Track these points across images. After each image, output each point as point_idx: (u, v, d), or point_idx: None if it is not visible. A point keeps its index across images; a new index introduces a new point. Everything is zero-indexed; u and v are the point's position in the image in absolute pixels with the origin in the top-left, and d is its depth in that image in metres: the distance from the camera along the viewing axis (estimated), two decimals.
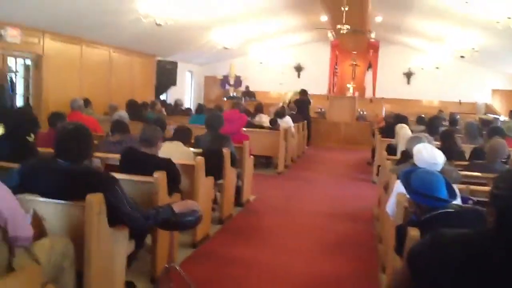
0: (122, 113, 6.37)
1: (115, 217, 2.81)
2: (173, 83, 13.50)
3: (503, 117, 12.51)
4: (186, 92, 16.28)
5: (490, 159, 4.55)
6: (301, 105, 12.37)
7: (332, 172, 9.43)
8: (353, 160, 11.01)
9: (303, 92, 12.92)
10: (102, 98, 10.14)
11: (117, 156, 4.17)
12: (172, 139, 4.93)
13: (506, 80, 15.88)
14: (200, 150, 5.07)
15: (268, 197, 6.88)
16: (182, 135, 4.96)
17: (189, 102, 16.21)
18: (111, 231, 2.81)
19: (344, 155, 11.77)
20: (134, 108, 8.29)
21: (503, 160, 4.70)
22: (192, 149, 5.09)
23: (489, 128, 6.15)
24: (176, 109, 11.74)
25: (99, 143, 5.00)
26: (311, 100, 13.00)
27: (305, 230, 5.45)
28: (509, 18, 8.39)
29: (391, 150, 6.67)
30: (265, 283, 3.89)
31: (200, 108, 9.67)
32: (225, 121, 6.59)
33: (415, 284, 1.67)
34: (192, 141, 5.40)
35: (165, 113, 10.00)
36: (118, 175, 3.20)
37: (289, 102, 13.60)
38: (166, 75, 13.18)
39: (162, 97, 13.48)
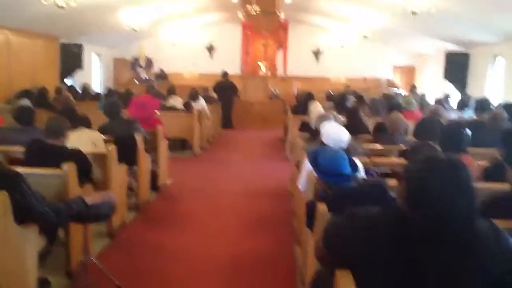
0: (26, 101, 5.99)
1: (23, 215, 2.68)
2: (79, 66, 12.84)
3: (403, 91, 13.42)
4: (95, 75, 15.55)
5: (390, 132, 4.89)
6: (221, 89, 12.33)
7: (248, 152, 9.60)
8: (268, 139, 11.27)
9: (224, 75, 12.82)
10: (1, 85, 9.42)
11: (21, 148, 3.94)
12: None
13: (406, 56, 17.00)
14: (111, 138, 4.92)
15: (185, 180, 6.87)
16: (83, 122, 4.76)
17: (98, 86, 15.51)
18: (19, 229, 2.68)
19: (259, 134, 12.00)
20: (40, 96, 7.82)
21: (402, 132, 5.08)
22: (104, 137, 4.92)
23: (388, 103, 6.57)
24: (84, 94, 11.22)
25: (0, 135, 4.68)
26: (233, 83, 12.86)
27: (224, 211, 5.54)
28: (414, 9, 8.95)
29: (305, 126, 6.90)
30: (186, 266, 3.93)
31: (110, 93, 9.34)
32: (137, 106, 6.46)
33: (332, 259, 1.78)
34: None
35: (72, 99, 9.52)
36: (23, 169, 3.04)
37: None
38: (71, 59, 12.48)
39: (68, 82, 12.78)
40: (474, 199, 1.55)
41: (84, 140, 4.41)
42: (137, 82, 15.26)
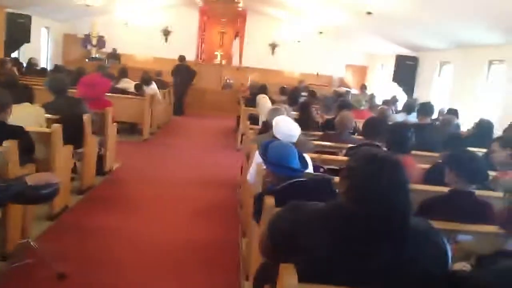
0: None
1: None
2: (27, 39, 12.20)
3: (354, 90, 13.74)
4: (42, 50, 14.85)
5: (339, 130, 5.01)
6: (178, 73, 12.13)
7: (198, 139, 9.55)
8: (219, 128, 11.23)
9: (181, 59, 12.61)
10: None
11: None
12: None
13: (359, 56, 17.40)
14: (56, 117, 4.73)
15: (133, 165, 6.75)
16: (25, 97, 4.52)
17: (45, 61, 14.84)
18: None
19: (211, 122, 11.94)
20: None
21: (350, 131, 5.22)
22: (47, 115, 4.73)
23: (338, 101, 6.72)
24: (30, 69, 10.72)
25: None
26: (191, 68, 12.64)
27: (171, 198, 5.49)
28: (369, 9, 9.16)
29: (253, 119, 6.94)
30: (129, 253, 3.87)
31: (57, 69, 8.98)
32: (85, 85, 6.23)
33: (276, 252, 1.82)
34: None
35: (17, 72, 9.08)
36: None
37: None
38: (18, 30, 11.82)
39: (14, 55, 12.15)
40: (409, 197, 1.64)
41: (25, 116, 4.21)
42: (87, 61, 14.75)
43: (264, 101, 6.83)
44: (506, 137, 4.71)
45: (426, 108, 6.24)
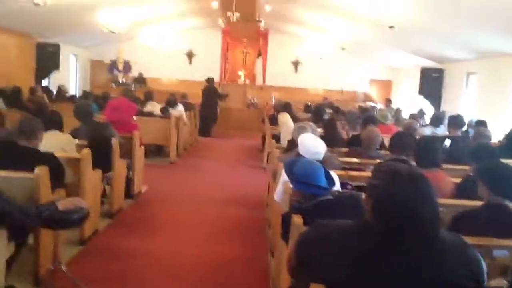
0: None
1: None
2: (56, 67, 12.60)
3: (379, 105, 13.62)
4: (71, 77, 15.30)
5: (366, 146, 4.94)
6: (207, 94, 12.27)
7: (224, 160, 9.58)
8: (244, 147, 11.26)
9: (208, 80, 12.75)
10: None
11: None
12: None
13: (382, 70, 17.29)
14: (84, 142, 4.83)
15: (161, 187, 6.80)
16: (54, 123, 4.60)
17: (74, 88, 15.27)
18: None
19: (236, 142, 11.99)
20: (13, 95, 7.65)
21: (377, 146, 5.15)
22: (77, 140, 4.83)
23: (364, 117, 6.66)
24: (59, 95, 11.04)
25: None
26: (218, 89, 12.80)
27: (198, 219, 5.50)
28: (391, 23, 9.12)
29: (275, 138, 6.92)
30: (157, 275, 3.88)
31: (85, 95, 9.21)
32: (113, 109, 6.37)
33: (303, 272, 1.79)
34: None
35: (47, 100, 9.35)
36: None
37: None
38: (47, 59, 12.25)
39: (44, 82, 12.54)
40: (436, 209, 1.60)
41: (54, 143, 4.30)
42: (114, 86, 15.09)
43: (285, 119, 6.80)
44: None
45: (456, 121, 6.13)
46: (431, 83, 12.31)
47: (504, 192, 2.69)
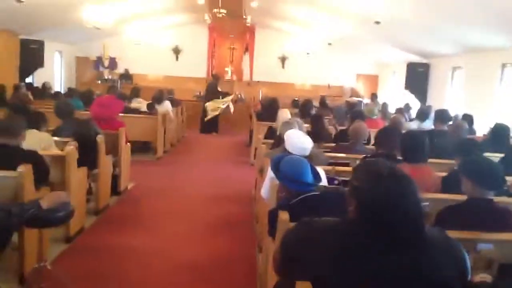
0: None
1: None
2: (40, 64, 12.41)
3: (366, 100, 13.68)
4: (56, 74, 15.10)
5: (353, 141, 4.96)
6: (210, 89, 12.25)
7: (212, 155, 9.55)
8: (232, 143, 11.24)
9: (213, 76, 12.68)
10: None
11: None
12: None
13: (369, 65, 17.36)
14: (68, 139, 4.77)
15: (147, 184, 6.76)
16: (36, 121, 4.56)
17: (59, 85, 15.07)
18: None
19: (224, 138, 11.95)
20: None
21: (364, 141, 5.17)
22: (56, 138, 4.77)
23: (351, 111, 6.68)
24: (44, 93, 10.88)
25: None
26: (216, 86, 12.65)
27: (186, 215, 5.48)
28: (377, 19, 9.14)
29: (273, 133, 6.90)
30: (145, 271, 3.86)
31: (70, 92, 9.12)
32: (99, 105, 6.31)
33: (289, 270, 1.79)
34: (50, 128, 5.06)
35: (31, 97, 9.22)
36: None
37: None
38: (31, 56, 12.04)
39: (28, 80, 12.35)
40: (420, 208, 1.61)
41: (32, 141, 4.22)
42: (100, 82, 14.94)
43: (284, 115, 6.77)
44: None
45: (442, 115, 6.17)
46: (417, 77, 12.38)
47: (488, 186, 2.71)
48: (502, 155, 4.54)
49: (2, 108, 6.83)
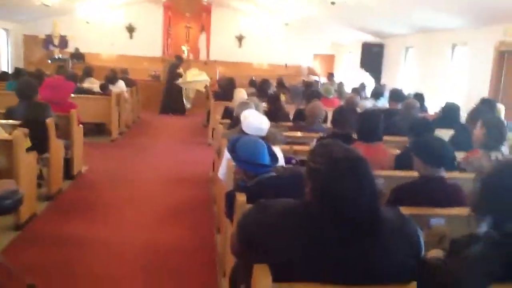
0: None
1: None
2: None
3: (323, 79, 13.80)
4: (2, 53, 14.37)
5: (310, 120, 5.00)
6: (170, 72, 12.08)
7: (169, 137, 9.41)
8: (189, 124, 11.10)
9: (176, 58, 12.53)
10: None
11: None
12: None
13: (325, 45, 17.47)
14: (17, 122, 4.55)
15: (102, 167, 6.59)
16: None
17: (5, 65, 14.37)
18: None
19: (180, 119, 11.78)
20: None
21: (320, 120, 5.21)
22: (3, 121, 4.56)
23: (308, 91, 6.72)
24: None
25: None
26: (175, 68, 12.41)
27: (143, 199, 5.38)
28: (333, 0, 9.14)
29: (228, 113, 6.85)
30: (100, 260, 3.76)
31: (17, 72, 8.70)
32: (49, 87, 6.03)
33: (247, 253, 1.77)
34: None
35: None
36: None
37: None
38: None
39: None
40: (375, 192, 1.63)
41: None
42: (50, 62, 14.32)
43: (240, 95, 6.72)
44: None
45: (396, 94, 6.33)
46: (372, 57, 12.61)
47: (438, 165, 2.79)
48: (452, 131, 4.68)
49: None
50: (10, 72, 11.42)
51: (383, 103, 7.53)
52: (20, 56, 15.51)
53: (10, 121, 4.60)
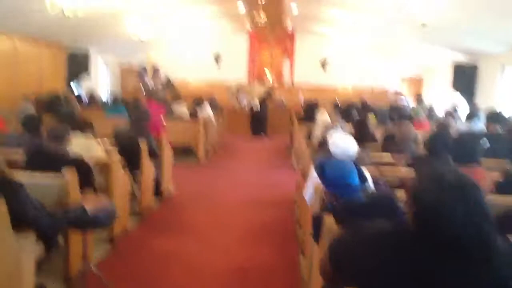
0: (28, 106, 5.97)
1: (20, 222, 2.60)
2: (86, 74, 12.81)
3: (410, 102, 13.29)
4: (102, 84, 15.55)
5: (401, 142, 4.79)
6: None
7: (253, 159, 9.52)
8: (273, 147, 11.18)
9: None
10: (7, 91, 9.38)
11: (22, 153, 3.87)
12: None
13: (414, 68, 16.87)
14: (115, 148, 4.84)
15: (189, 187, 6.79)
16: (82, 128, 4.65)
17: (105, 94, 15.50)
18: (15, 236, 2.60)
19: (265, 142, 11.90)
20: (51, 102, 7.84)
21: (411, 142, 4.98)
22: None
23: (398, 113, 6.50)
24: (91, 102, 11.21)
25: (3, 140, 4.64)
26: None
27: (227, 219, 5.44)
28: (424, 22, 8.86)
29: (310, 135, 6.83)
30: (187, 276, 3.83)
31: (116, 101, 9.35)
32: None
33: (338, 276, 1.69)
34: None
35: (78, 106, 9.50)
36: (22, 173, 2.97)
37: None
38: (78, 67, 12.45)
39: (75, 88, 12.75)
40: (489, 217, 1.45)
41: (78, 145, 4.31)
42: (144, 91, 15.21)
43: (323, 117, 6.65)
44: None
45: (494, 116, 5.96)
46: (464, 78, 11.94)
47: None
48: None
49: (53, 116, 7.04)
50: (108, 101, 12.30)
51: (478, 125, 7.07)
52: (118, 86, 16.66)
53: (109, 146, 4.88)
